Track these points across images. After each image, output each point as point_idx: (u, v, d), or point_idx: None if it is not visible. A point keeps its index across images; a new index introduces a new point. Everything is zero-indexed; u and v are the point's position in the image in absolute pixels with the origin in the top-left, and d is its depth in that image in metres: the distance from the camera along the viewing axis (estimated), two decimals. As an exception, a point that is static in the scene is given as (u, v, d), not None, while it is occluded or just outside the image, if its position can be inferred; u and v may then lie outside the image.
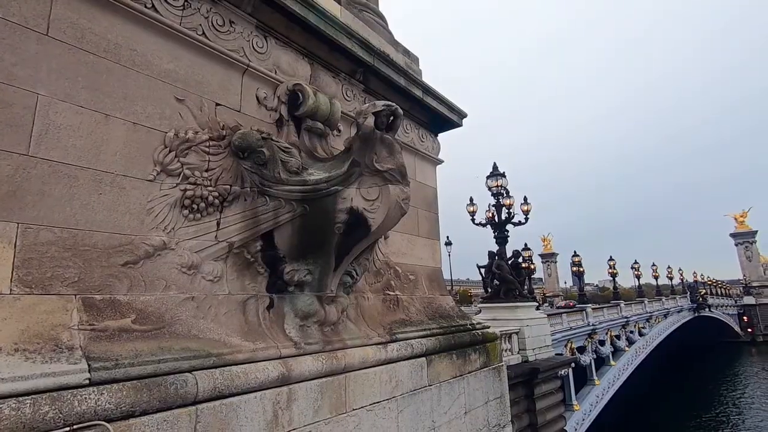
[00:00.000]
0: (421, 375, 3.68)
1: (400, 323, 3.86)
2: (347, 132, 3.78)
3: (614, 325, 25.14)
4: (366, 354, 3.18)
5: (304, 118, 3.27)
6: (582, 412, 17.56)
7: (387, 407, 3.21)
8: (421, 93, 4.76)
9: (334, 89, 3.82)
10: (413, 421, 3.43)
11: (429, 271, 4.82)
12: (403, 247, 4.49)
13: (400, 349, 3.54)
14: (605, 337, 23.08)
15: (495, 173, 13.38)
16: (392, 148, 2.94)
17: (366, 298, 3.68)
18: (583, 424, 17.32)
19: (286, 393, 2.53)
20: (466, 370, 4.27)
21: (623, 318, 26.66)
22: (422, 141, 5.12)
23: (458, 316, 4.78)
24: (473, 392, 4.28)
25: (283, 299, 2.91)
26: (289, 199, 2.81)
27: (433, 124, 5.32)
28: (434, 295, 4.74)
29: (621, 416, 26.92)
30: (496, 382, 4.75)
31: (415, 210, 4.81)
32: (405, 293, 4.26)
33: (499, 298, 13.07)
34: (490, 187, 13.61)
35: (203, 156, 2.67)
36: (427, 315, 4.36)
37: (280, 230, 2.85)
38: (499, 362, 4.91)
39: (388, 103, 3.06)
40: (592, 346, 21.05)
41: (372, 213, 2.84)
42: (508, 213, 13.29)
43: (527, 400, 11.07)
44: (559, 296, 79.43)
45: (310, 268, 2.96)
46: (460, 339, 4.36)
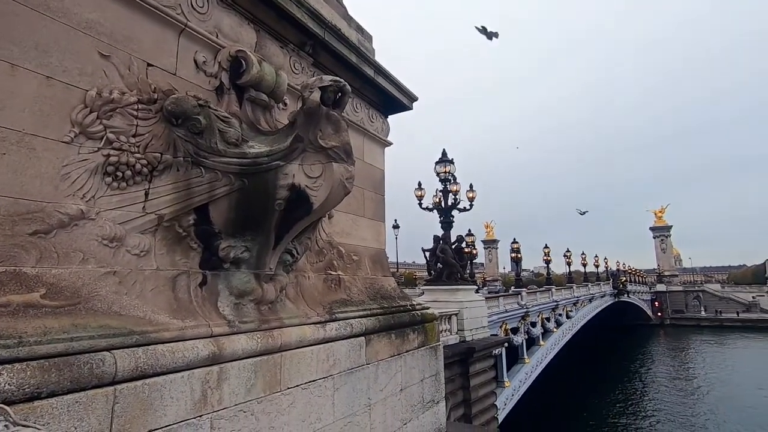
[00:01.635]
0: (360, 354, 3.72)
1: (340, 303, 3.86)
2: (294, 106, 3.64)
3: (545, 308, 26.96)
4: (304, 333, 3.15)
5: (247, 87, 3.10)
6: (512, 388, 18.78)
7: (323, 385, 3.22)
8: (372, 72, 4.69)
9: (281, 60, 3.65)
10: (349, 398, 3.48)
11: (373, 252, 4.85)
12: (347, 227, 4.46)
13: (340, 328, 3.54)
14: (537, 319, 24.70)
15: (443, 159, 13.67)
16: (338, 126, 2.88)
17: (307, 278, 3.63)
18: (512, 399, 18.55)
19: (217, 372, 2.45)
20: (404, 349, 4.38)
21: (554, 302, 28.65)
22: (372, 121, 5.07)
23: (399, 297, 4.87)
24: (410, 370, 4.41)
25: (218, 276, 2.79)
26: (226, 171, 2.67)
27: (383, 105, 5.28)
28: (377, 276, 4.79)
29: (547, 391, 29.18)
30: (432, 360, 4.92)
31: (361, 191, 4.79)
32: (347, 273, 4.26)
33: (441, 281, 13.53)
34: (438, 172, 13.91)
35: (130, 120, 2.45)
36: (368, 295, 4.40)
37: (216, 204, 2.71)
38: (436, 342, 5.08)
39: (336, 79, 2.98)
40: (524, 328, 22.45)
41: (314, 191, 2.78)
42: (454, 199, 13.69)
43: (462, 377, 11.64)
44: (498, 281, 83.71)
45: (248, 245, 2.86)
46: (399, 319, 4.46)
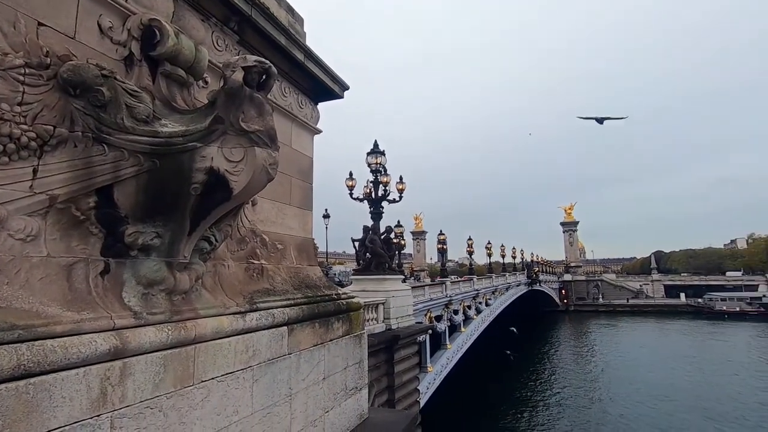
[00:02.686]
0: (281, 344, 3.66)
1: (263, 292, 3.76)
2: (215, 85, 3.43)
3: (467, 297, 28.52)
4: (221, 324, 3.02)
5: (161, 60, 2.86)
6: (434, 373, 19.69)
7: (241, 377, 3.12)
8: (302, 56, 4.57)
9: (202, 35, 3.41)
10: (269, 389, 3.41)
11: (299, 241, 4.77)
12: (272, 215, 4.34)
13: (261, 318, 3.45)
14: (459, 307, 26.04)
15: (375, 151, 13.77)
16: (262, 109, 2.76)
17: (226, 266, 3.48)
18: (434, 383, 19.47)
19: (120, 367, 2.27)
20: (328, 338, 4.39)
21: (475, 291, 30.39)
22: (301, 108, 4.95)
23: (325, 287, 4.86)
24: (333, 359, 4.43)
25: (123, 264, 2.57)
26: (134, 150, 2.45)
27: (313, 91, 5.17)
28: (302, 265, 4.72)
29: (467, 373, 31.06)
30: (356, 348, 4.98)
31: (288, 178, 4.67)
32: (271, 262, 4.15)
33: (369, 271, 13.70)
34: (369, 163, 13.99)
35: (15, 85, 2.14)
36: (293, 285, 4.32)
37: (122, 186, 2.48)
38: (361, 330, 5.15)
39: (261, 60, 2.85)
40: (447, 315, 23.57)
41: (235, 176, 2.65)
42: (385, 190, 13.89)
43: (387, 364, 11.95)
44: (424, 270, 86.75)
45: (159, 230, 2.66)
46: (324, 308, 4.44)
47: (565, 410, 27.06)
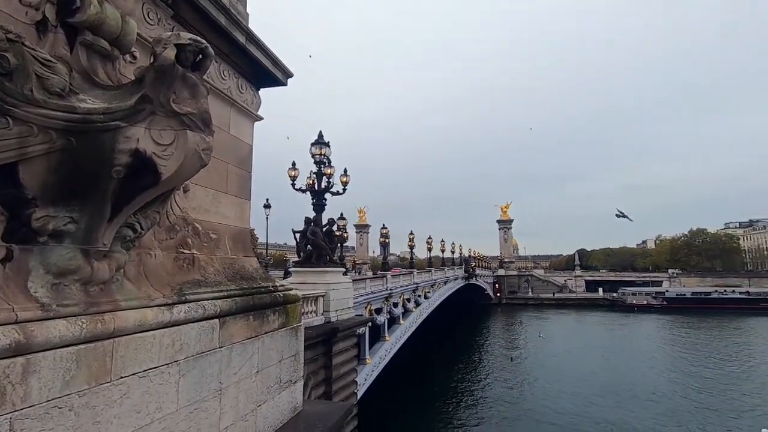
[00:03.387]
0: (212, 337, 3.52)
1: (193, 284, 3.59)
2: (146, 62, 3.19)
3: (407, 290, 29.14)
4: (144, 316, 2.85)
5: (81, 29, 2.60)
6: (372, 364, 19.94)
7: (166, 372, 2.97)
8: (244, 39, 4.38)
9: (131, 5, 3.16)
10: (197, 384, 3.28)
11: (235, 231, 4.60)
12: (206, 203, 4.14)
13: (190, 311, 3.29)
14: (399, 299, 26.55)
15: (319, 141, 13.57)
16: (196, 91, 2.62)
17: (153, 256, 3.27)
18: (372, 375, 19.73)
19: (22, 364, 2.06)
20: (262, 331, 4.29)
21: (414, 284, 31.11)
22: (241, 92, 4.75)
23: (261, 278, 4.73)
24: (268, 352, 4.34)
25: (29, 251, 2.33)
26: (45, 126, 2.22)
27: (255, 76, 4.98)
28: (238, 256, 4.56)
29: (405, 364, 31.83)
30: (292, 341, 4.92)
31: (225, 165, 4.48)
32: (204, 252, 3.97)
33: (310, 263, 13.54)
34: (313, 154, 13.76)
35: None
36: (227, 276, 4.17)
37: (30, 165, 2.24)
38: (297, 323, 5.09)
39: (196, 38, 2.70)
40: (387, 308, 23.94)
41: (164, 159, 2.50)
42: (328, 182, 13.74)
43: (326, 356, 11.93)
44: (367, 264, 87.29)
45: (75, 215, 2.44)
46: (260, 300, 4.34)
47: (494, 396, 28.69)
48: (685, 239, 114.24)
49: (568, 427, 22.28)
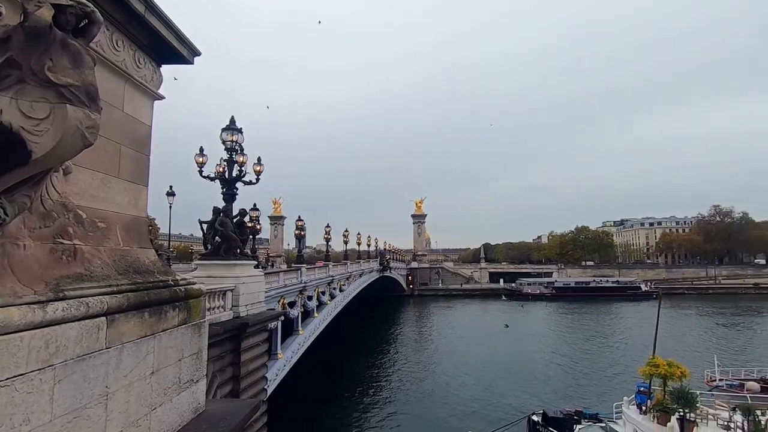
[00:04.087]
0: (98, 337, 3.16)
1: (75, 278, 3.18)
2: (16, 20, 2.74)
3: (322, 283, 28.96)
4: (9, 316, 2.46)
5: None
6: (285, 359, 19.55)
7: (37, 378, 2.60)
8: (143, 8, 3.95)
9: (-6, -50, 2.67)
10: (77, 390, 2.92)
11: (128, 219, 4.16)
12: (93, 188, 3.68)
13: (70, 308, 2.92)
14: (313, 293, 26.29)
15: (231, 127, 12.80)
16: (79, 60, 2.31)
17: (21, 246, 2.83)
18: (284, 370, 19.33)
19: None
20: (159, 329, 3.96)
21: (330, 277, 31.03)
22: (139, 67, 4.29)
23: (159, 272, 4.36)
24: (165, 350, 4.02)
25: None
26: None
27: (156, 51, 4.53)
28: (131, 247, 4.14)
29: (320, 356, 31.71)
30: (194, 338, 4.62)
31: (117, 146, 4.02)
32: (89, 243, 3.53)
33: (219, 256, 12.79)
34: (224, 141, 12.95)
35: None
36: (117, 269, 3.77)
37: None
38: (201, 319, 4.79)
39: (82, 1, 2.38)
40: (301, 301, 23.58)
41: (35, 136, 2.17)
42: (240, 170, 13.04)
43: (234, 353, 11.40)
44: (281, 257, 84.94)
45: None
46: (157, 296, 3.99)
47: (405, 383, 29.89)
48: (572, 235, 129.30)
49: (473, 409, 24.05)
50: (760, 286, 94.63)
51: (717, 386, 19.89)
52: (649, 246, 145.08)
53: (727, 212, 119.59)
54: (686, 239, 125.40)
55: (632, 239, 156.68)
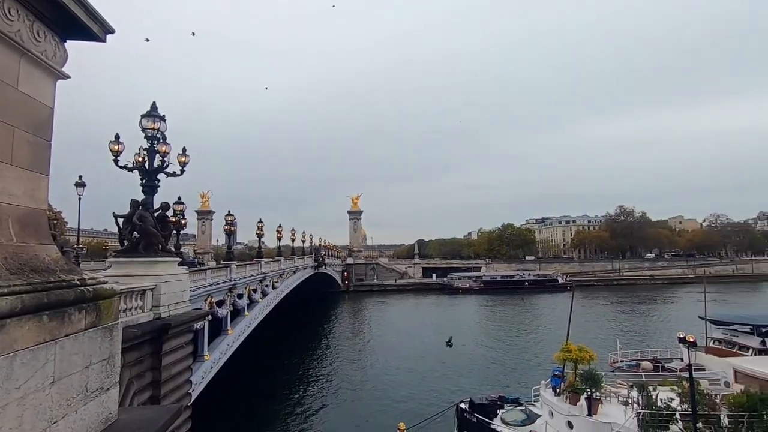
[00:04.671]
0: (-18, 345, 2.78)
1: (-48, 279, 2.76)
2: None
3: (253, 280, 27.97)
4: None
5: None
6: (212, 361, 18.63)
7: None
8: (42, -27, 3.52)
9: None
10: (-45, 407, 2.55)
11: (23, 212, 3.69)
12: (-23, 175, 3.22)
13: (-56, 314, 2.53)
14: (244, 291, 25.31)
15: (152, 114, 11.83)
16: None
17: None
18: (211, 371, 18.42)
19: None
20: (62, 333, 3.57)
21: (262, 274, 30.05)
22: (37, 40, 3.81)
23: (62, 271, 3.93)
24: (69, 357, 3.63)
25: None
26: None
27: (60, 24, 4.05)
28: (28, 243, 3.69)
29: (254, 355, 30.68)
30: (105, 342, 4.23)
31: (10, 130, 3.54)
32: (-28, 239, 3.09)
33: (137, 253, 11.83)
34: (144, 128, 11.95)
35: None
36: (10, 268, 3.33)
37: None
38: (113, 321, 4.39)
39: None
40: (231, 300, 22.59)
41: None
42: (162, 161, 12.11)
43: (153, 356, 10.65)
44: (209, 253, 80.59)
45: None
46: (59, 297, 3.59)
47: (339, 379, 29.87)
48: (498, 232, 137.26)
49: (405, 400, 24.64)
50: (655, 278, 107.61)
51: (619, 367, 22.23)
52: (566, 242, 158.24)
53: (630, 212, 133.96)
54: (596, 236, 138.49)
55: (551, 236, 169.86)
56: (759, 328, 21.32)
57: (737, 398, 14.70)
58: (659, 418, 13.63)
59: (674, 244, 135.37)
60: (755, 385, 16.05)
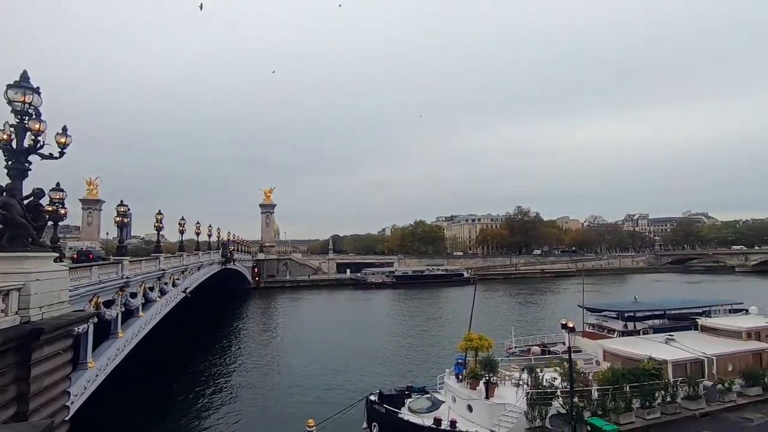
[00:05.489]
0: None
1: None
2: None
3: (150, 278, 25.53)
4: None
5: None
6: (97, 368, 16.71)
7: None
8: None
9: None
10: None
11: None
12: None
13: None
14: (138, 289, 23.03)
15: (23, 85, 10.09)
16: None
17: None
18: (95, 380, 16.51)
19: None
20: None
21: (161, 270, 27.58)
22: None
23: None
24: None
25: None
26: None
27: None
28: None
29: (155, 358, 28.01)
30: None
31: None
32: None
33: (0, 246, 10.06)
34: (12, 100, 10.15)
35: None
36: None
37: None
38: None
39: None
40: (122, 299, 20.42)
41: None
42: (35, 140, 10.41)
43: (19, 367, 9.20)
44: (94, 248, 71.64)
45: None
46: None
47: (248, 378, 28.56)
48: (411, 228, 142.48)
49: (317, 396, 24.39)
50: (545, 272, 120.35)
51: (513, 353, 24.45)
52: (471, 239, 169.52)
53: (526, 212, 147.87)
54: (498, 233, 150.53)
55: (459, 233, 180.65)
56: (623, 313, 24.92)
57: (604, 374, 17.10)
58: (544, 395, 15.28)
59: (561, 241, 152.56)
60: (618, 362, 18.78)
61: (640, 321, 24.58)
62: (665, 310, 26.27)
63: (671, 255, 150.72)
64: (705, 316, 25.08)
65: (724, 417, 16.47)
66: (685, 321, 24.77)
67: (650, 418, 15.86)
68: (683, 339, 20.76)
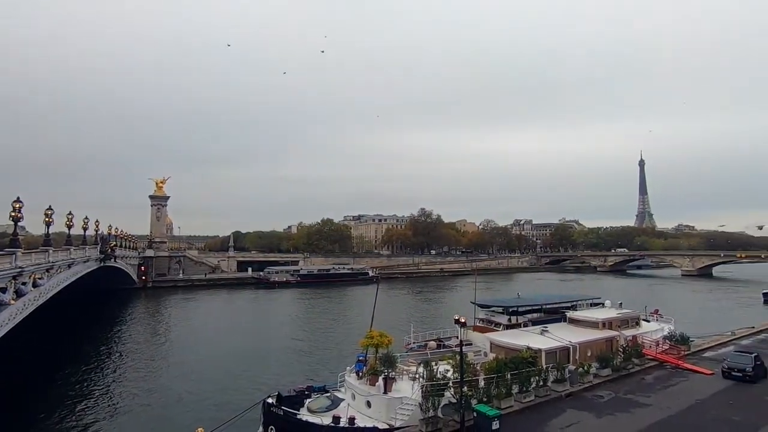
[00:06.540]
0: None
1: None
2: None
3: (3, 277, 21.57)
4: None
5: None
6: None
7: None
8: None
9: None
10: None
11: None
12: None
13: None
14: (-15, 290, 19.28)
15: None
16: None
17: None
18: None
19: None
20: None
21: (17, 268, 23.50)
22: None
23: None
24: None
25: None
26: None
27: None
28: None
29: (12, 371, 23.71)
30: None
31: None
32: None
33: None
34: None
35: None
36: None
37: None
38: None
39: None
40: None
41: None
42: None
43: None
44: (-71, 241, 58.47)
45: None
46: None
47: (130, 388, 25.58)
48: (318, 227, 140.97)
49: (210, 402, 22.79)
50: (444, 270, 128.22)
51: (411, 348, 25.52)
52: (377, 238, 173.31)
53: (429, 214, 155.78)
54: (402, 234, 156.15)
55: (366, 232, 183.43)
56: (508, 308, 27.56)
57: (490, 364, 18.77)
58: (437, 387, 16.23)
59: (459, 242, 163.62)
60: (503, 352, 20.75)
61: (522, 315, 27.38)
62: (542, 305, 29.66)
63: (549, 256, 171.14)
64: (572, 310, 28.90)
65: (582, 396, 19.14)
66: (557, 314, 28.23)
67: (526, 401, 17.80)
68: (555, 330, 23.66)
